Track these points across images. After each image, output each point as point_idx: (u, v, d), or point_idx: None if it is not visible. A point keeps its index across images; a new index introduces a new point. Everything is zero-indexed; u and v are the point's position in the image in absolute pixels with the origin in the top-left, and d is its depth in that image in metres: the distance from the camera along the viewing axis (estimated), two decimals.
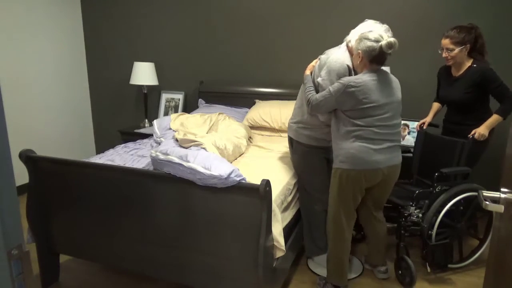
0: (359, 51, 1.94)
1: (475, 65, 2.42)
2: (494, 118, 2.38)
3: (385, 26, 2.02)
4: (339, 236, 2.10)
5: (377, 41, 1.88)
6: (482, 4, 3.05)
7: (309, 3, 3.49)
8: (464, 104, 2.47)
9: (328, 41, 3.37)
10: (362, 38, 1.92)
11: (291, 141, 2.37)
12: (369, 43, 1.89)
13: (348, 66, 2.05)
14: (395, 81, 2.05)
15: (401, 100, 2.07)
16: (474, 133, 2.37)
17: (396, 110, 2.01)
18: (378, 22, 2.04)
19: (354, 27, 2.13)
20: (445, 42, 2.42)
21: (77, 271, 2.46)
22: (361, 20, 2.11)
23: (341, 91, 1.93)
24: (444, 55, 2.45)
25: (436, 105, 2.77)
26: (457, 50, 2.38)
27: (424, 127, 2.73)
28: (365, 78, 1.92)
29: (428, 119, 2.74)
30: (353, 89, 1.90)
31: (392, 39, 1.88)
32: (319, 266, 2.48)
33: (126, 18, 4.14)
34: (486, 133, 2.37)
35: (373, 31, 1.92)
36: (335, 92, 1.95)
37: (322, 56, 2.19)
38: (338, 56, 2.09)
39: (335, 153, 2.04)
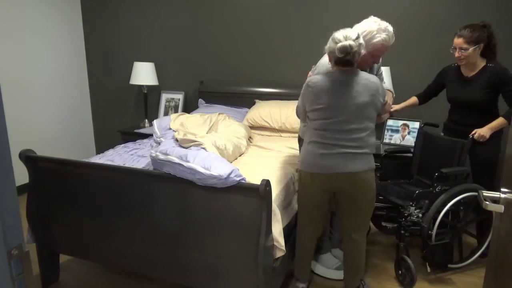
0: (328, 51, 1.88)
1: (491, 65, 2.35)
2: (500, 122, 2.33)
3: (383, 24, 1.93)
4: (300, 233, 2.12)
5: (337, 42, 1.79)
6: (483, 3, 3.05)
7: (310, 3, 3.49)
8: (478, 105, 2.40)
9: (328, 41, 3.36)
10: (331, 37, 1.83)
11: (299, 141, 2.38)
12: (331, 44, 1.82)
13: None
14: (363, 83, 1.85)
15: (369, 104, 1.85)
16: (474, 133, 2.35)
17: (355, 115, 1.84)
18: (378, 19, 1.96)
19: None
20: (459, 41, 2.33)
21: (77, 271, 2.46)
22: (362, 19, 2.09)
23: (303, 90, 1.94)
24: (457, 55, 2.36)
25: (413, 100, 2.73)
26: (471, 49, 2.30)
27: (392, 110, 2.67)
28: (321, 78, 1.88)
29: (397, 107, 2.70)
30: (310, 89, 1.89)
31: (347, 43, 1.75)
32: (318, 265, 2.48)
33: (126, 18, 4.14)
34: (487, 135, 2.32)
35: (341, 31, 1.80)
36: (301, 91, 1.97)
37: None
38: (325, 58, 2.06)
39: None
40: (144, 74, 3.87)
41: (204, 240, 1.85)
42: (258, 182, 1.71)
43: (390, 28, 1.95)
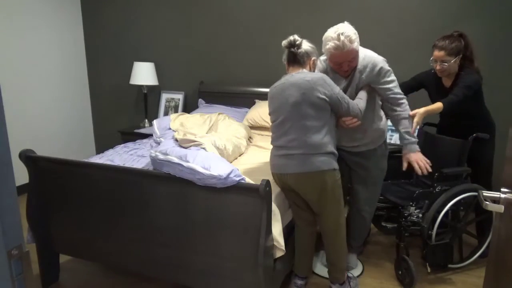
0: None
1: (462, 72, 2.34)
2: (437, 106, 2.24)
3: (340, 30, 1.90)
4: (296, 229, 2.18)
5: None
6: (480, 4, 3.06)
7: (309, 3, 3.49)
8: (462, 111, 2.43)
9: None
10: None
11: None
12: None
13: None
14: (297, 83, 1.85)
15: (301, 103, 1.83)
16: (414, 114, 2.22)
17: (289, 115, 1.86)
18: (343, 26, 1.94)
19: (353, 27, 2.11)
20: (440, 54, 2.29)
21: (77, 271, 2.46)
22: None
23: None
24: (438, 67, 2.33)
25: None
26: (452, 61, 2.28)
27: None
28: (275, 84, 1.98)
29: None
30: (268, 95, 2.02)
31: (292, 37, 1.91)
32: (318, 264, 2.48)
33: (126, 18, 4.14)
34: (421, 117, 2.19)
35: None
36: None
37: None
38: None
39: None
40: (144, 74, 3.87)
41: (204, 240, 1.85)
42: (258, 182, 1.71)
43: (343, 37, 1.88)
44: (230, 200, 1.76)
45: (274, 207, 1.86)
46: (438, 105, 2.24)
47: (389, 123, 3.37)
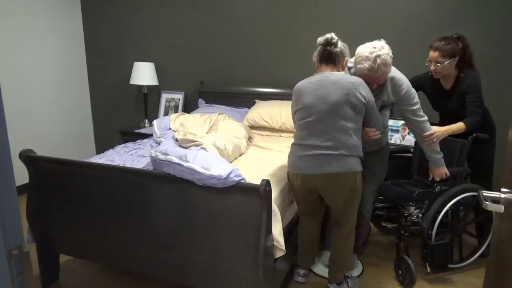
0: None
1: (462, 74, 2.34)
2: (458, 126, 2.26)
3: (376, 53, 1.89)
4: (300, 226, 2.23)
5: None
6: (479, 5, 3.05)
7: (308, 5, 3.49)
8: (464, 113, 2.38)
9: None
10: None
11: None
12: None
13: None
14: (339, 82, 1.85)
15: (343, 103, 1.82)
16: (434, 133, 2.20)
17: (328, 114, 1.84)
18: (380, 45, 1.94)
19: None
20: (434, 55, 2.28)
21: (77, 271, 2.46)
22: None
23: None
24: (432, 68, 2.32)
25: None
26: (446, 63, 2.26)
27: None
28: (305, 80, 1.96)
29: None
30: (295, 91, 1.99)
31: (329, 35, 1.89)
32: (318, 264, 2.48)
33: (126, 18, 4.14)
34: (441, 137, 2.23)
35: None
36: None
37: None
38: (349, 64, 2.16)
39: None
40: (144, 74, 3.87)
41: (204, 240, 1.85)
42: (258, 182, 1.71)
43: (380, 60, 1.88)
44: (230, 200, 1.76)
45: (274, 207, 1.85)
46: (460, 126, 2.26)
47: (390, 123, 3.37)
